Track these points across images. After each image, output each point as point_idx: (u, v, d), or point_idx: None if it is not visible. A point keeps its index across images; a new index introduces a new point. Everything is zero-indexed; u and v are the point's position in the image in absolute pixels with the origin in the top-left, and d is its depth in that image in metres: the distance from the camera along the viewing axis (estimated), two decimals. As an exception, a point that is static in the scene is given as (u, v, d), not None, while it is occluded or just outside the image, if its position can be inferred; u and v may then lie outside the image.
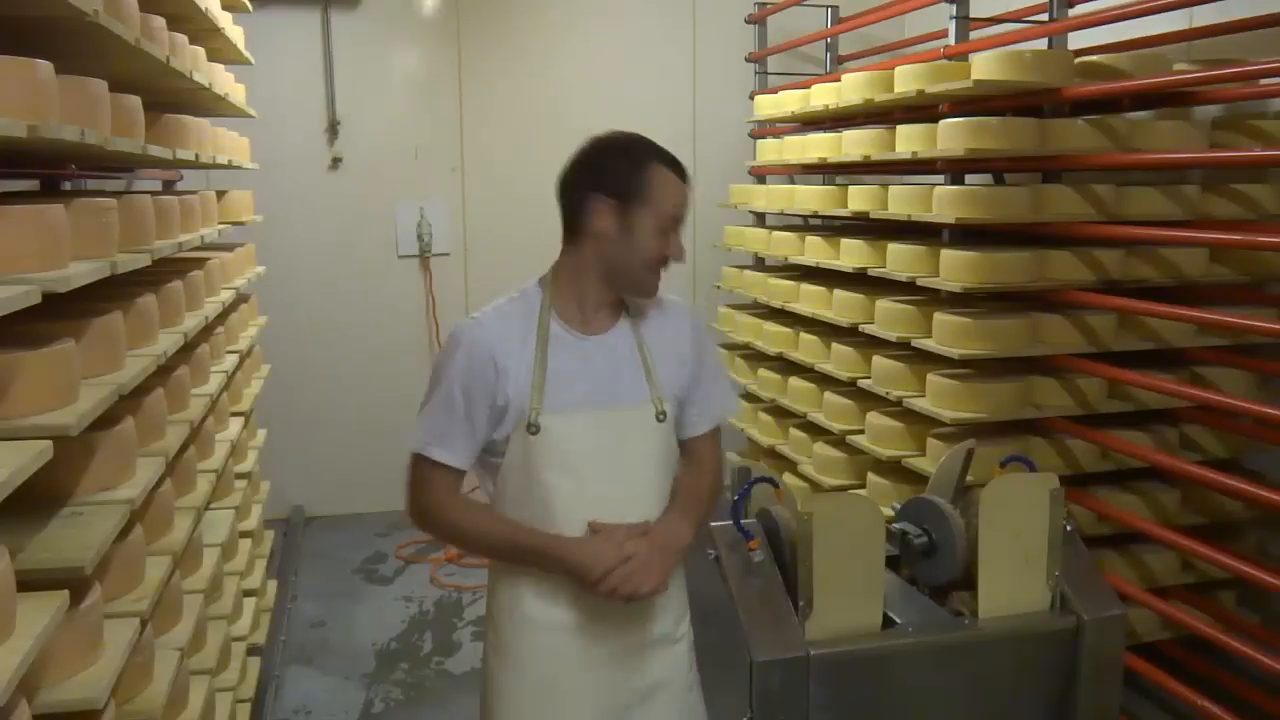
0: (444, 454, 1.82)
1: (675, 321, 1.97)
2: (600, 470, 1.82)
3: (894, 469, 3.62)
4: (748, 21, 5.58)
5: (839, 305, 4.01)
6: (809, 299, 4.29)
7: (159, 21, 2.60)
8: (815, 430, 4.21)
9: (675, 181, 1.83)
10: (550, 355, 1.82)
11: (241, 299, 4.08)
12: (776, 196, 4.84)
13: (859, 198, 4.01)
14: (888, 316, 3.66)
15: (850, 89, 3.99)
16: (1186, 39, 3.46)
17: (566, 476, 1.81)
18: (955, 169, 3.58)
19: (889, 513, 2.53)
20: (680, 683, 1.97)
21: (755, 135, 5.37)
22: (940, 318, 3.37)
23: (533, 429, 1.79)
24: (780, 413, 4.54)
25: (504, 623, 1.91)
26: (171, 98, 3.29)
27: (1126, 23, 3.26)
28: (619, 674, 1.88)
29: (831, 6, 5.28)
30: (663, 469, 1.91)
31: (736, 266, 5.20)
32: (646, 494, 1.88)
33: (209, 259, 3.45)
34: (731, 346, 5.02)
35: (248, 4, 4.08)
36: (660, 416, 1.87)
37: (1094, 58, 3.37)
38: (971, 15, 3.63)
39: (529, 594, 1.87)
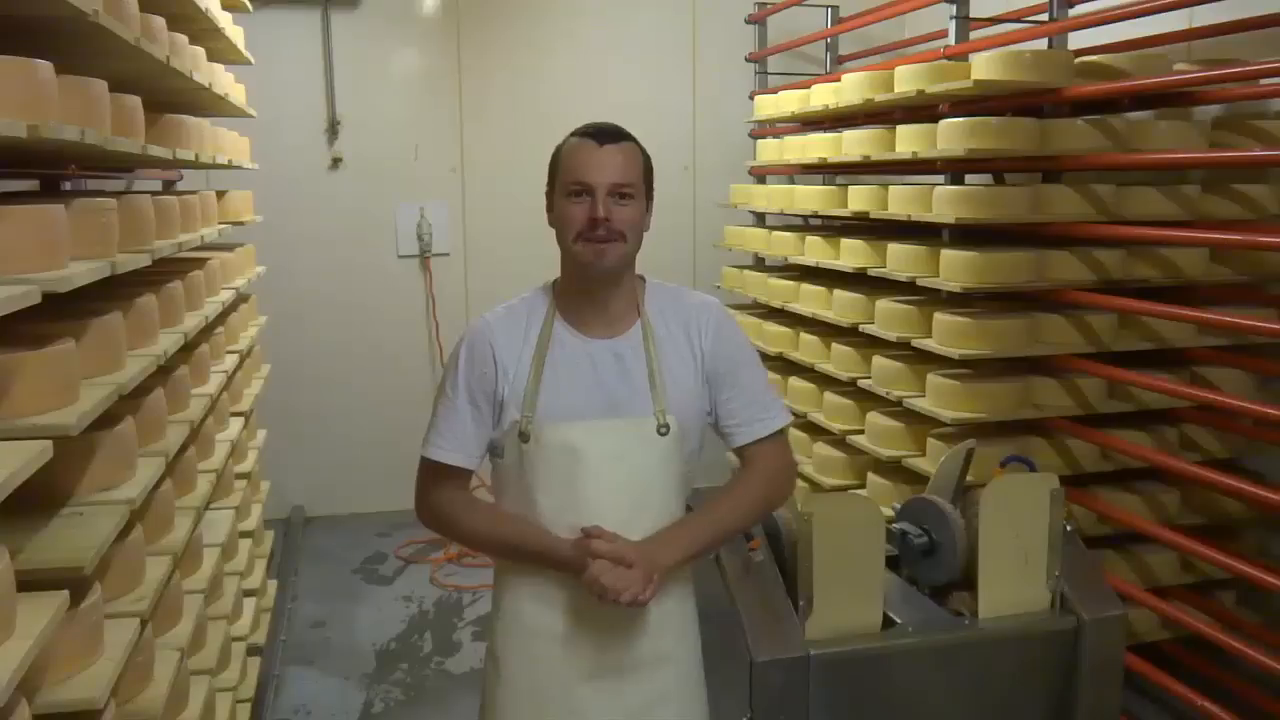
0: (444, 454, 1.82)
1: (695, 324, 1.86)
2: (595, 482, 1.76)
3: (894, 469, 3.62)
4: (748, 21, 5.58)
5: (839, 305, 4.01)
6: (809, 299, 4.29)
7: (159, 21, 2.59)
8: (815, 430, 4.21)
9: (584, 146, 1.76)
10: (551, 359, 1.80)
11: (241, 299, 4.08)
12: (776, 196, 4.84)
13: (859, 198, 4.01)
14: (888, 316, 3.66)
15: (850, 89, 3.99)
16: (1186, 39, 3.46)
17: (558, 486, 1.77)
18: (955, 169, 3.58)
19: (889, 513, 2.53)
20: (676, 703, 1.89)
21: (755, 135, 5.37)
22: (940, 318, 3.37)
23: (524, 437, 1.78)
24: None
25: (499, 626, 1.90)
26: (171, 98, 3.28)
27: (1126, 23, 3.26)
28: (610, 688, 1.83)
29: (831, 6, 5.28)
30: (666, 484, 1.83)
31: (736, 266, 5.20)
32: (646, 509, 1.79)
33: (209, 259, 3.45)
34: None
35: (248, 4, 4.07)
36: (662, 429, 1.78)
37: (1094, 58, 3.37)
38: (971, 15, 3.64)
39: (525, 599, 1.85)
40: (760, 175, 5.33)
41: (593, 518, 1.75)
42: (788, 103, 4.70)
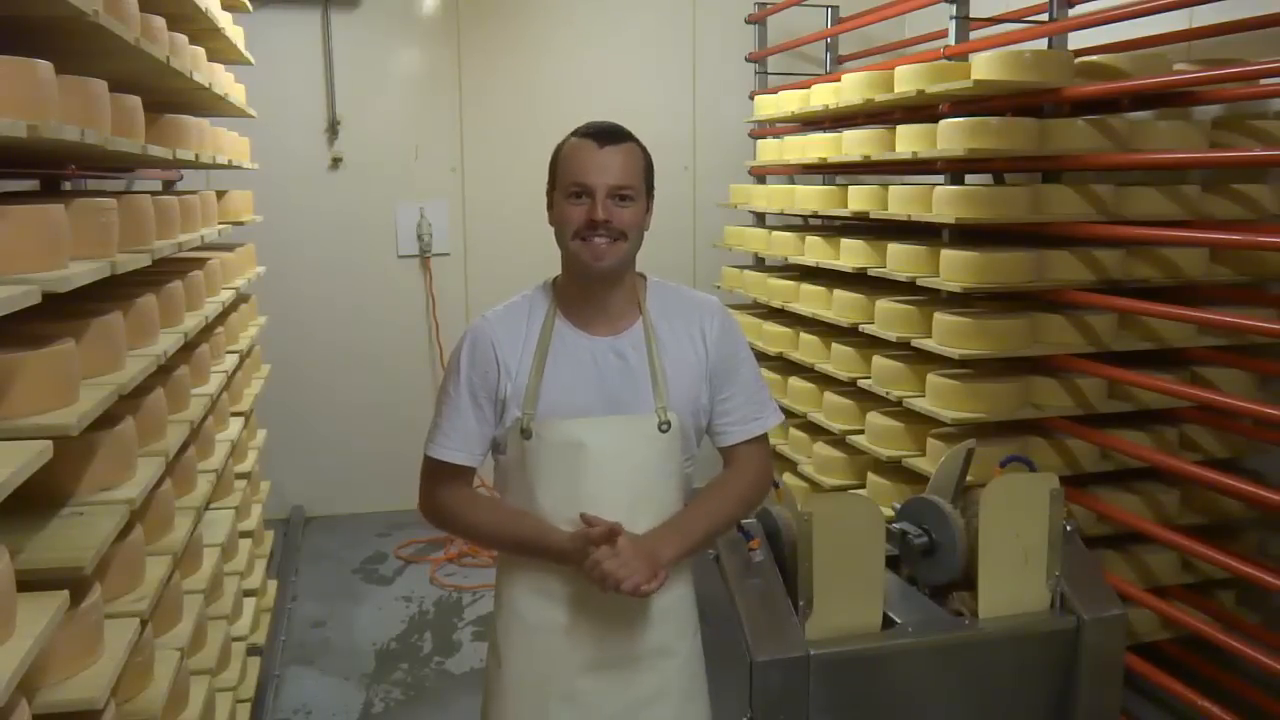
0: (447, 452, 1.83)
1: (699, 323, 1.87)
2: (597, 478, 1.77)
3: (894, 469, 3.62)
4: (748, 21, 5.58)
5: (839, 305, 4.01)
6: (809, 299, 4.29)
7: (159, 21, 2.60)
8: (815, 430, 4.21)
9: (585, 147, 1.77)
10: (552, 356, 1.81)
11: (241, 299, 4.08)
12: (776, 196, 4.84)
13: (859, 198, 4.01)
14: (888, 316, 3.66)
15: (850, 89, 3.99)
16: (1186, 39, 3.46)
17: (560, 482, 1.78)
18: (955, 169, 3.58)
19: (889, 513, 2.53)
20: (676, 696, 1.89)
21: (755, 135, 5.37)
22: (940, 318, 3.37)
23: (526, 433, 1.79)
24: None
25: (501, 620, 1.91)
26: (171, 98, 3.28)
27: (1126, 23, 3.26)
28: (610, 681, 1.84)
29: (831, 6, 5.28)
30: (667, 481, 1.84)
31: (736, 266, 5.20)
32: (646, 506, 1.80)
33: (209, 259, 3.45)
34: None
35: (248, 4, 4.07)
36: (663, 427, 1.79)
37: (1094, 58, 3.37)
38: (971, 15, 3.63)
39: (525, 593, 1.86)
40: (760, 175, 5.33)
41: (593, 512, 1.76)
42: (788, 103, 4.70)
